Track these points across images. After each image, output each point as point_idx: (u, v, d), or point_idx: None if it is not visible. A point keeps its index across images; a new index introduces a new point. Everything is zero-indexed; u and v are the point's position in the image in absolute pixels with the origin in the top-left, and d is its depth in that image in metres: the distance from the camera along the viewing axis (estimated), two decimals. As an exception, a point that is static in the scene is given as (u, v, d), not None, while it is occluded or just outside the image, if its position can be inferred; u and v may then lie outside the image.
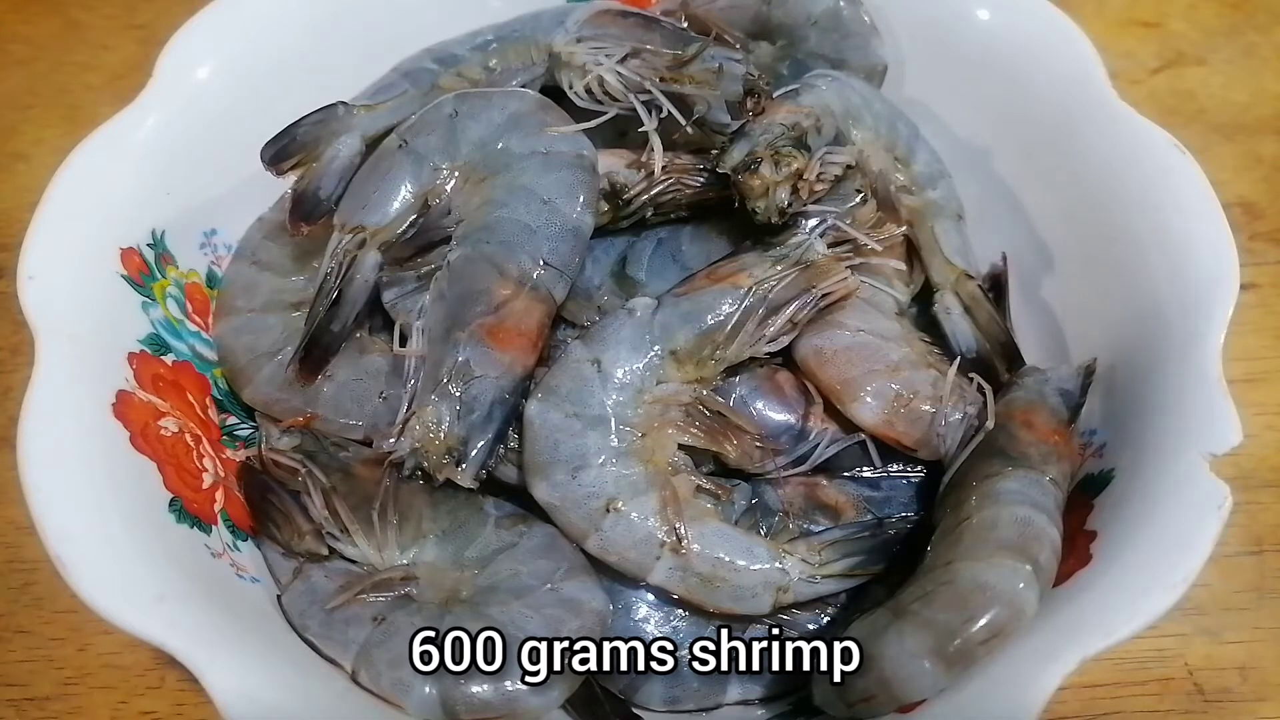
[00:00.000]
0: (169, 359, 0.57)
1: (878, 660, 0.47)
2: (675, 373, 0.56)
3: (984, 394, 0.57)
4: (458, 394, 0.53)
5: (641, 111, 0.58)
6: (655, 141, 0.58)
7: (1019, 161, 0.65)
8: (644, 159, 0.59)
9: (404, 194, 0.58)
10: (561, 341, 0.58)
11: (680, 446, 0.56)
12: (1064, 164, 0.61)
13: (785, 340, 0.57)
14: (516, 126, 0.59)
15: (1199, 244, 0.54)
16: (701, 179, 0.59)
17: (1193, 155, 0.56)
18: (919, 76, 0.68)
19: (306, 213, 0.60)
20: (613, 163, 0.60)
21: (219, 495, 0.56)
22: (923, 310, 0.65)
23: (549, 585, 0.53)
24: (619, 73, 0.58)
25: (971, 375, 0.58)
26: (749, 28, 0.69)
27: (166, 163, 0.59)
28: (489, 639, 0.50)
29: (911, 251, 0.65)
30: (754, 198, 0.55)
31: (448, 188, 0.59)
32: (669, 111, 0.57)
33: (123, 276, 0.55)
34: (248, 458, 0.58)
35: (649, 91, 0.58)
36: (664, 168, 0.59)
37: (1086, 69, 0.61)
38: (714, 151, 0.58)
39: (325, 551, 0.55)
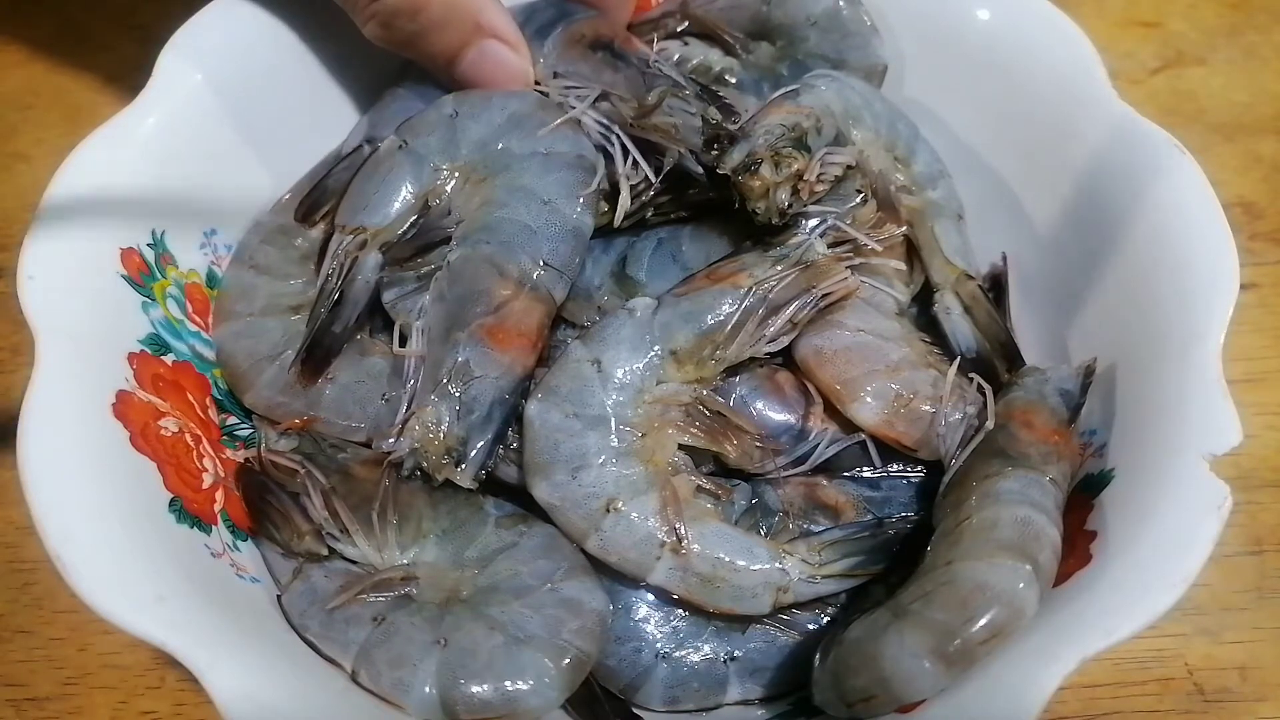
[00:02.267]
0: (169, 359, 0.57)
1: (878, 660, 0.47)
2: (675, 373, 0.56)
3: (984, 394, 0.57)
4: (457, 394, 0.53)
5: (617, 156, 0.58)
6: (624, 186, 0.58)
7: (1019, 161, 0.65)
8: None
9: (404, 194, 0.58)
10: (561, 341, 0.58)
11: (680, 446, 0.56)
12: (1064, 164, 0.61)
13: (785, 340, 0.57)
14: (516, 127, 0.59)
15: (1199, 244, 0.53)
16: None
17: (1193, 155, 0.56)
18: (919, 76, 0.68)
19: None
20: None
21: (219, 495, 0.55)
22: (923, 310, 0.65)
23: (549, 585, 0.53)
24: (592, 116, 0.58)
25: (971, 375, 0.58)
26: (749, 28, 0.69)
27: (166, 163, 0.59)
28: (489, 639, 0.51)
29: (911, 251, 0.64)
30: (754, 198, 0.55)
31: (448, 188, 0.59)
32: (636, 160, 0.57)
33: (123, 276, 0.55)
34: (246, 459, 0.58)
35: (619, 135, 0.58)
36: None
37: (1086, 69, 0.61)
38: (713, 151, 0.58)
39: (325, 552, 0.55)
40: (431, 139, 0.59)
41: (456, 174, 0.59)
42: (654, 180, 0.58)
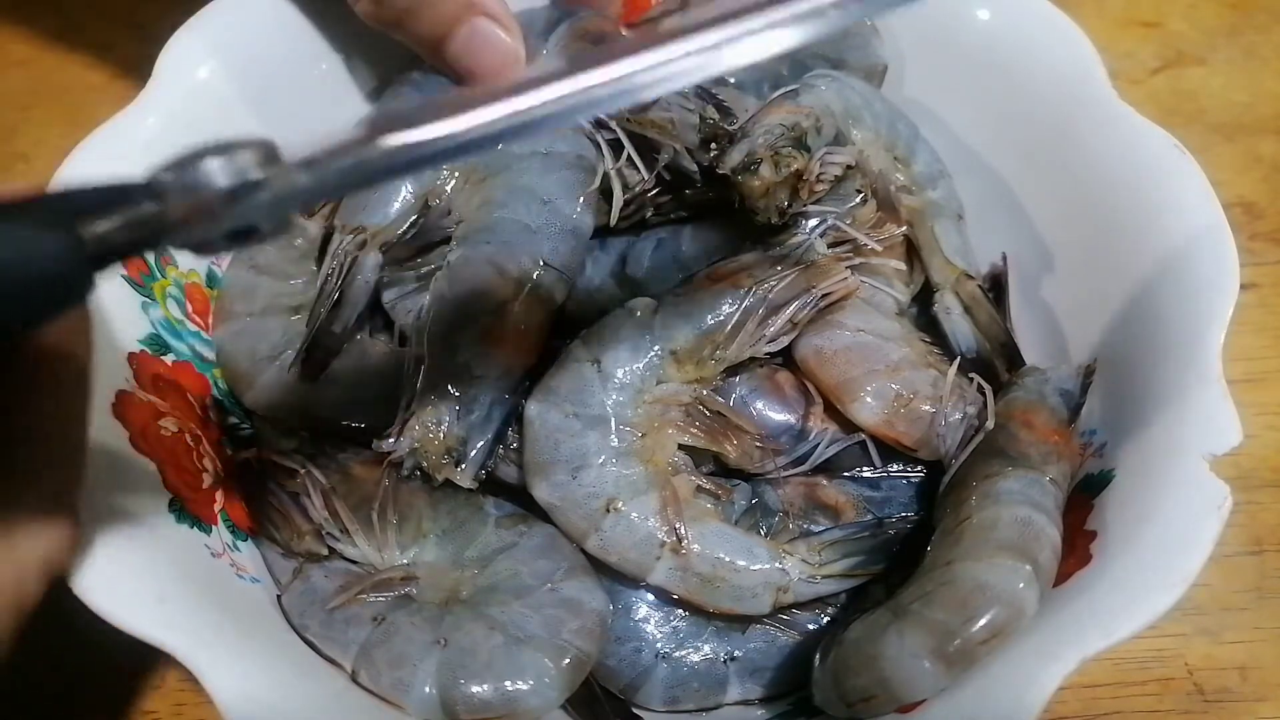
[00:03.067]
0: (169, 359, 0.57)
1: (878, 660, 0.47)
2: (675, 373, 0.56)
3: (984, 394, 0.57)
4: (457, 394, 0.53)
5: (606, 151, 0.58)
6: (615, 182, 0.58)
7: (1019, 161, 0.65)
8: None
9: (404, 194, 0.58)
10: (562, 341, 0.58)
11: (680, 446, 0.56)
12: (1064, 164, 0.61)
13: (785, 340, 0.57)
14: (516, 127, 0.59)
15: (1199, 244, 0.53)
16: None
17: (1193, 155, 0.56)
18: (919, 76, 0.68)
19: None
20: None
21: (219, 495, 0.55)
22: (923, 310, 0.65)
23: (549, 585, 0.53)
24: None
25: (971, 375, 0.58)
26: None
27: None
28: (489, 639, 0.51)
29: (911, 251, 0.65)
30: (754, 198, 0.55)
31: (448, 188, 0.59)
32: (631, 156, 0.57)
33: (123, 276, 0.55)
34: (246, 459, 0.58)
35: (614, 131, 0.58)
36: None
37: (1086, 69, 0.60)
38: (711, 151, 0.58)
39: (325, 552, 0.55)
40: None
41: (456, 174, 0.59)
42: (645, 176, 0.58)
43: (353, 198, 0.59)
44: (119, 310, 0.55)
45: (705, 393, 0.56)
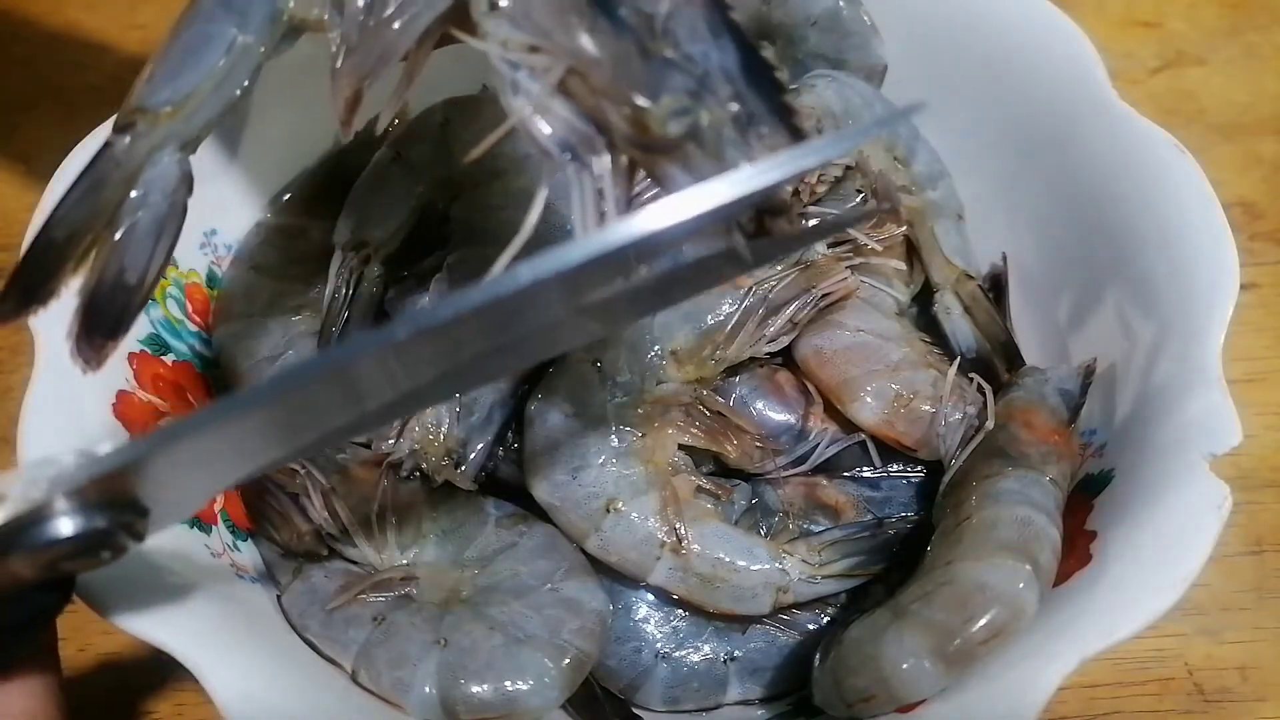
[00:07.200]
0: (169, 359, 0.57)
1: (878, 660, 0.47)
2: (675, 373, 0.56)
3: (984, 394, 0.57)
4: (457, 396, 0.53)
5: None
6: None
7: (1019, 161, 0.65)
8: None
9: (401, 207, 0.58)
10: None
11: (680, 446, 0.56)
12: (1064, 164, 0.61)
13: (785, 340, 0.57)
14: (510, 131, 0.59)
15: (1199, 244, 0.53)
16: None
17: (1193, 155, 0.56)
18: (919, 76, 0.68)
19: (115, 319, 0.39)
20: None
21: (219, 495, 0.55)
22: (923, 310, 0.65)
23: (549, 585, 0.53)
24: None
25: (971, 375, 0.58)
26: (748, 27, 0.69)
27: (166, 163, 0.59)
28: (489, 639, 0.51)
29: (911, 251, 0.64)
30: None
31: (445, 194, 0.59)
32: None
33: (122, 276, 0.55)
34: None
35: None
36: None
37: (1086, 69, 0.60)
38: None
39: (325, 552, 0.55)
40: (424, 147, 0.59)
41: (452, 180, 0.59)
42: None
43: (352, 213, 0.59)
44: (119, 310, 0.55)
45: (705, 393, 0.56)
